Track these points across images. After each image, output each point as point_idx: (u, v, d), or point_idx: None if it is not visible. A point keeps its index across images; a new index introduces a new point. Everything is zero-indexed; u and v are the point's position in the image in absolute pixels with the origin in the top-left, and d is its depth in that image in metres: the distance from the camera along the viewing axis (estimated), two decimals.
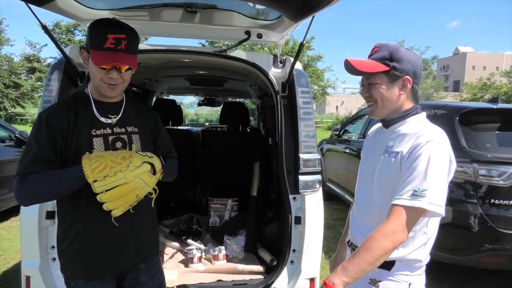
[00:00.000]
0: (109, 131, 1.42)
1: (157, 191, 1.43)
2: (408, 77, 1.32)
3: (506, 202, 2.91)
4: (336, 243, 4.34)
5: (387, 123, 1.42)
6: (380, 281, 1.36)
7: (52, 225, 2.02)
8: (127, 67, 1.37)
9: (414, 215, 1.21)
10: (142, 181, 1.33)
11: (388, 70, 1.32)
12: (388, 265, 1.34)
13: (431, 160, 1.21)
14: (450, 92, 47.64)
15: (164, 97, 5.29)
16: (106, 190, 1.27)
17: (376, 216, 1.39)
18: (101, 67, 1.32)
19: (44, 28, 1.93)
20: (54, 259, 2.03)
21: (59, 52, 2.09)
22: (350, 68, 1.36)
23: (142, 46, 2.19)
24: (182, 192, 3.58)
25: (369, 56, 1.38)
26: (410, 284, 1.35)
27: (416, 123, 1.36)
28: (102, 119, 1.42)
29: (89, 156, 1.30)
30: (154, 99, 4.56)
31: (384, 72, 1.32)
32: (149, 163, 1.37)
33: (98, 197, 1.27)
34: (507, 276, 3.58)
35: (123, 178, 1.28)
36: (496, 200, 2.93)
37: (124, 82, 1.40)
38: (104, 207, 1.28)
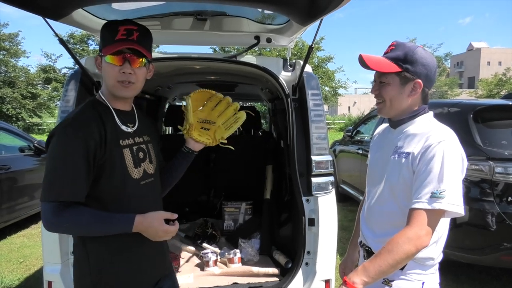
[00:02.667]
0: (131, 141, 1.36)
1: None
2: (419, 80, 1.31)
3: None
4: (345, 244, 4.30)
5: (395, 123, 1.42)
6: (393, 280, 1.36)
7: None
8: (141, 61, 1.30)
9: (436, 217, 1.21)
10: None
11: (400, 71, 1.31)
12: None
13: (445, 161, 1.21)
14: (464, 89, 46.75)
15: (177, 103, 5.36)
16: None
17: (386, 217, 1.39)
18: (112, 63, 1.26)
19: (61, 40, 1.99)
20: None
21: (75, 63, 2.16)
22: (363, 63, 1.35)
23: (154, 54, 2.24)
24: (196, 196, 3.62)
25: (384, 54, 1.37)
26: (423, 283, 1.34)
27: (424, 123, 1.36)
28: (124, 128, 1.34)
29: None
30: (167, 105, 4.63)
31: (396, 73, 1.32)
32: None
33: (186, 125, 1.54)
34: None
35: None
36: None
37: (138, 82, 1.32)
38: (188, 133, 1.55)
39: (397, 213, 1.33)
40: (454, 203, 1.19)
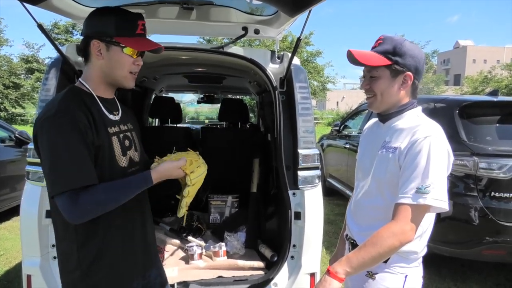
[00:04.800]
0: (118, 128, 1.34)
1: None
2: (409, 73, 1.32)
3: (506, 194, 2.90)
4: (337, 238, 4.30)
5: (384, 118, 1.42)
6: (377, 273, 1.37)
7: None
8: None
9: (420, 212, 1.22)
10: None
11: (390, 64, 1.31)
12: None
13: (431, 156, 1.21)
14: (450, 86, 47.52)
15: (163, 95, 5.28)
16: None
17: (372, 211, 1.40)
18: (131, 55, 1.27)
19: (40, 26, 1.92)
20: (54, 257, 2.04)
21: (57, 52, 2.08)
22: (353, 59, 1.35)
23: None
24: (180, 188, 3.58)
25: (373, 48, 1.37)
26: (406, 276, 1.36)
27: (412, 118, 1.36)
28: (111, 117, 1.32)
29: (174, 155, 1.42)
30: (153, 97, 4.56)
31: (386, 66, 1.31)
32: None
33: (187, 190, 1.40)
34: (508, 269, 3.58)
35: (204, 172, 1.45)
36: (497, 193, 2.92)
37: (137, 73, 1.36)
38: (184, 202, 1.43)
39: (383, 207, 1.33)
40: (439, 199, 1.20)
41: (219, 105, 7.12)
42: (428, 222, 1.35)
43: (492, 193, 2.94)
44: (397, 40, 1.33)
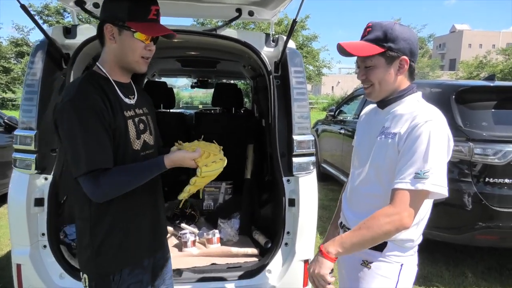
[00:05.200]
0: (133, 112, 1.37)
1: None
2: (405, 57, 1.29)
3: (500, 180, 2.90)
4: (325, 222, 4.39)
5: (383, 104, 1.38)
6: (372, 262, 1.37)
7: (41, 212, 1.98)
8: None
9: (419, 198, 1.20)
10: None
11: (384, 51, 1.27)
12: (380, 247, 1.34)
13: (431, 141, 1.18)
14: (446, 70, 47.46)
15: (156, 79, 5.18)
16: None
17: (369, 199, 1.37)
18: (142, 40, 1.28)
19: (23, 7, 1.83)
20: (44, 246, 2.00)
21: (43, 34, 2.00)
22: (344, 52, 1.31)
23: None
24: (176, 176, 3.53)
25: (363, 37, 1.32)
26: (402, 265, 1.35)
27: (412, 103, 1.33)
28: (126, 100, 1.35)
29: (189, 144, 1.40)
30: (145, 81, 4.47)
31: (380, 54, 1.27)
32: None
33: (194, 179, 1.37)
34: (499, 254, 3.63)
35: (219, 168, 1.42)
36: (491, 179, 2.92)
37: (151, 57, 1.37)
38: (188, 189, 1.40)
39: (381, 195, 1.30)
40: (438, 184, 1.18)
41: (212, 89, 7.03)
42: (425, 210, 1.34)
43: (487, 179, 2.93)
44: (387, 25, 1.28)
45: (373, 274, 1.36)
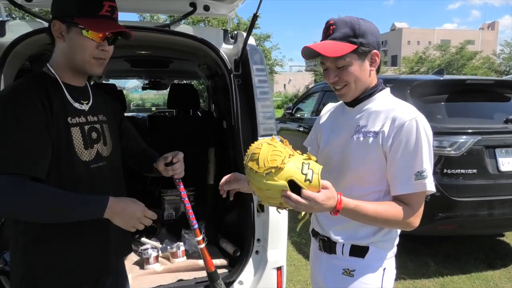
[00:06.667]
0: (83, 119, 1.24)
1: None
2: (375, 51, 1.24)
3: (457, 171, 3.00)
4: (296, 222, 4.30)
5: (354, 102, 1.31)
6: (354, 270, 1.30)
7: None
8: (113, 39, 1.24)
9: (423, 197, 1.22)
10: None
11: (356, 48, 1.20)
12: (362, 252, 1.29)
13: (421, 138, 1.16)
14: (389, 66, 50.16)
15: (103, 82, 4.83)
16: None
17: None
18: (92, 38, 1.16)
19: None
20: None
21: None
22: (311, 53, 1.22)
23: None
24: (131, 184, 3.27)
25: (327, 37, 1.23)
26: (384, 269, 1.31)
27: (384, 99, 1.29)
28: (76, 105, 1.22)
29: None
30: (91, 83, 4.12)
31: (353, 51, 1.20)
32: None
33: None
34: (455, 241, 3.80)
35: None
36: (448, 170, 3.01)
37: (108, 58, 1.25)
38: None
39: (363, 196, 1.23)
40: (432, 182, 1.19)
41: (165, 91, 6.71)
42: None
43: (444, 170, 3.02)
44: (352, 20, 1.22)
45: (356, 283, 1.29)
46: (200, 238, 1.58)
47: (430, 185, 1.17)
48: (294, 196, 1.03)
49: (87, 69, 1.22)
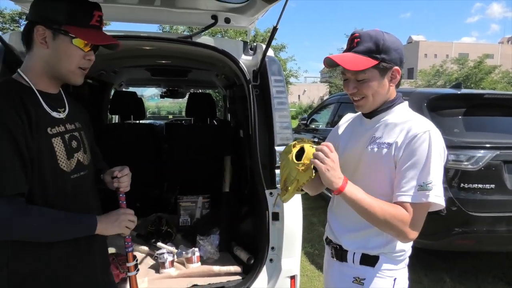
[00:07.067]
0: (62, 128, 1.18)
1: None
2: (397, 67, 1.26)
3: (474, 185, 2.96)
4: (309, 233, 4.32)
5: (372, 113, 1.34)
6: (365, 278, 1.31)
7: None
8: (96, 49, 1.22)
9: (424, 210, 1.19)
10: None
11: (377, 63, 1.22)
12: (372, 261, 1.30)
13: (432, 151, 1.17)
14: (405, 79, 49.68)
15: (124, 90, 4.97)
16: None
17: None
18: (81, 47, 1.14)
19: None
20: None
21: None
22: (334, 65, 1.25)
23: None
24: (148, 190, 3.35)
25: (351, 49, 1.26)
26: (395, 279, 1.31)
27: (402, 112, 1.31)
28: (54, 114, 1.16)
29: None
30: (113, 92, 4.25)
31: (374, 66, 1.22)
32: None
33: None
34: (473, 257, 3.71)
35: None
36: (466, 184, 2.97)
37: (88, 68, 1.23)
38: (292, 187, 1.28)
39: None
40: (439, 195, 1.17)
41: (181, 99, 6.81)
42: None
43: (461, 185, 2.99)
44: (376, 35, 1.24)
45: None
46: (132, 264, 1.46)
47: (434, 198, 1.15)
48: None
49: (70, 79, 1.19)
